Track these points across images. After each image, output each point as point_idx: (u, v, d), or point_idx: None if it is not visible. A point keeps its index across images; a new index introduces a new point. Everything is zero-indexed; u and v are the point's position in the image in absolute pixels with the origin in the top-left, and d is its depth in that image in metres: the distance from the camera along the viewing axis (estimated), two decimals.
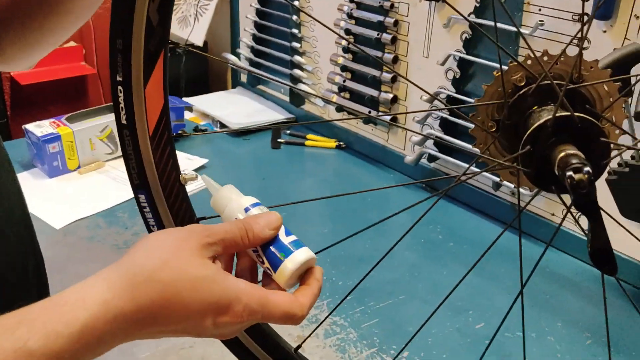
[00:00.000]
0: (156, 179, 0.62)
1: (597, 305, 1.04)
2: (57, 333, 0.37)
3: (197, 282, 0.43)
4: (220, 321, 0.44)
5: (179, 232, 0.46)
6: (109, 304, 0.40)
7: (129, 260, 0.43)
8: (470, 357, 0.91)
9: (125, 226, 1.19)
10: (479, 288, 1.06)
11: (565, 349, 0.93)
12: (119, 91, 0.58)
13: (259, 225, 0.49)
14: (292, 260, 0.50)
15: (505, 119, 0.57)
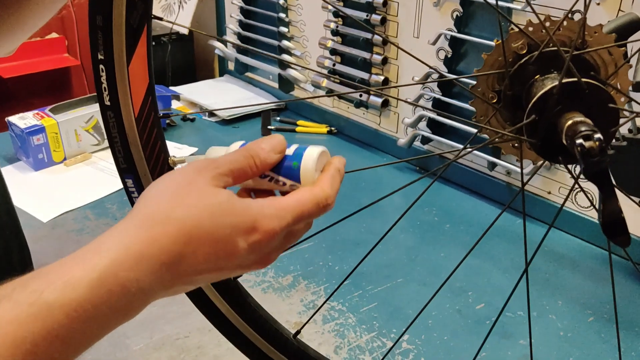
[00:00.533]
0: (144, 162, 0.59)
1: (597, 282, 1.02)
2: (75, 282, 0.35)
3: (215, 208, 0.40)
4: (253, 241, 0.41)
5: (185, 170, 0.43)
6: (128, 249, 0.37)
7: (140, 207, 0.41)
8: (472, 338, 0.89)
9: (115, 217, 1.16)
10: (477, 268, 1.05)
11: (568, 326, 0.92)
12: (100, 70, 0.55)
13: (264, 150, 0.46)
14: (308, 159, 0.47)
15: (506, 89, 0.55)
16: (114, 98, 0.56)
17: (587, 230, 1.13)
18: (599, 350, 0.87)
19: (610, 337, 0.89)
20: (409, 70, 1.33)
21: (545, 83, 0.52)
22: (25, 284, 0.35)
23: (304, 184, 0.47)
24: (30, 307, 0.33)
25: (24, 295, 0.34)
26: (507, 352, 0.87)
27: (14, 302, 0.33)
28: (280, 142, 0.48)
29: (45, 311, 0.33)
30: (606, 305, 0.96)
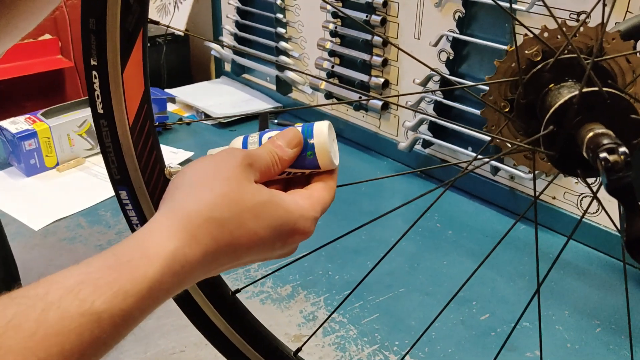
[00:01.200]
0: (138, 173, 0.56)
1: (603, 290, 1.00)
2: (125, 293, 0.35)
3: (258, 209, 0.41)
4: (289, 243, 0.43)
5: (221, 160, 0.43)
6: (174, 256, 0.37)
7: (178, 204, 0.40)
8: (477, 350, 0.86)
9: (109, 225, 1.13)
10: (481, 277, 1.02)
11: (575, 338, 0.89)
12: (93, 77, 0.52)
13: (281, 148, 0.47)
14: (322, 146, 0.47)
15: (520, 97, 0.52)
16: (108, 106, 0.53)
17: (593, 237, 1.11)
18: None
19: (619, 348, 0.87)
20: (410, 72, 1.31)
21: (562, 92, 0.50)
22: (77, 293, 0.34)
23: (324, 168, 0.48)
24: (80, 318, 0.33)
25: (75, 304, 0.33)
26: None
27: (63, 311, 0.33)
28: (296, 136, 0.47)
29: (95, 322, 0.33)
30: (614, 315, 0.94)
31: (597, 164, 0.40)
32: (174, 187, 0.42)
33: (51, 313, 0.33)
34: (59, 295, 0.33)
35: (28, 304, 0.33)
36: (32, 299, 0.33)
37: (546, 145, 0.46)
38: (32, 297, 0.33)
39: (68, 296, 0.34)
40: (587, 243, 1.11)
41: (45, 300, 0.33)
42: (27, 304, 0.33)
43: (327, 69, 1.45)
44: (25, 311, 0.33)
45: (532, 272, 1.04)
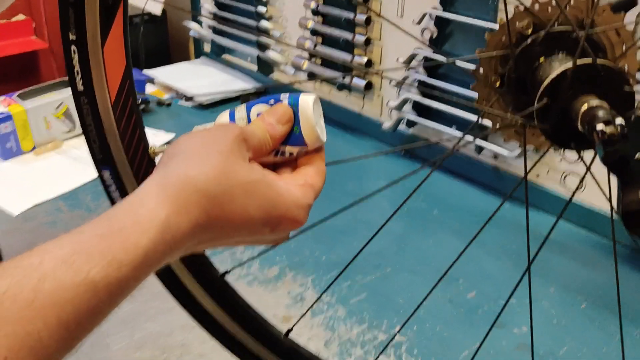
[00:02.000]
0: (121, 152, 0.54)
1: (587, 267, 1.01)
2: (119, 262, 0.34)
3: (250, 187, 0.40)
4: (279, 229, 0.42)
5: (215, 133, 0.42)
6: (166, 224, 0.36)
7: (171, 172, 0.39)
8: (465, 327, 0.87)
9: (89, 209, 1.11)
10: (467, 255, 1.01)
11: (561, 313, 0.90)
12: (72, 52, 0.50)
13: (273, 125, 0.45)
14: (307, 120, 0.45)
15: (511, 71, 0.51)
16: (88, 82, 0.51)
17: (576, 214, 1.11)
18: (593, 338, 0.85)
19: (604, 323, 0.88)
20: (393, 51, 1.30)
21: (554, 65, 0.49)
22: (70, 263, 0.33)
23: (311, 145, 0.46)
24: (76, 288, 0.32)
25: (69, 274, 0.32)
26: (502, 341, 0.85)
27: (58, 282, 0.32)
28: (287, 113, 0.46)
29: (92, 291, 0.33)
30: (598, 291, 0.95)
31: (593, 136, 0.40)
32: (167, 157, 0.41)
33: (47, 283, 0.32)
34: (52, 265, 0.33)
35: (23, 274, 0.32)
36: (27, 269, 0.32)
37: (540, 119, 0.46)
38: (26, 267, 0.32)
39: (62, 266, 0.33)
40: (570, 220, 1.12)
41: (40, 270, 0.32)
42: (22, 274, 0.32)
43: (309, 49, 1.43)
44: (20, 281, 0.32)
45: (518, 250, 1.05)
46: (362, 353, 0.81)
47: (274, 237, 0.44)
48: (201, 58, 1.85)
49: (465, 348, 0.83)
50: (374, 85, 1.37)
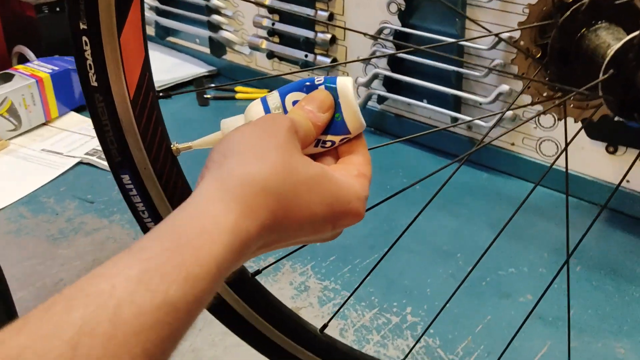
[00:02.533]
0: (143, 153, 0.49)
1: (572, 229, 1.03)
2: (195, 276, 0.31)
3: (311, 182, 0.38)
4: (342, 224, 0.40)
5: (262, 126, 0.39)
6: (235, 230, 0.34)
7: (230, 173, 0.36)
8: (473, 300, 0.87)
9: (55, 212, 1.02)
10: (458, 229, 1.02)
11: (559, 278, 0.91)
12: (84, 43, 0.44)
13: (314, 113, 0.42)
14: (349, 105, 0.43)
15: (554, 42, 0.49)
16: (103, 77, 0.45)
17: (551, 179, 1.13)
18: (593, 299, 0.87)
19: (601, 284, 0.90)
20: (358, 26, 1.26)
21: (601, 34, 0.48)
22: (146, 283, 0.30)
23: (354, 132, 0.44)
24: (157, 312, 0.29)
25: (147, 297, 0.29)
26: (510, 311, 0.85)
27: (137, 307, 0.29)
28: (328, 99, 0.43)
29: (172, 313, 0.29)
30: (589, 252, 0.97)
31: None
32: (219, 156, 0.38)
33: (125, 310, 0.28)
34: (127, 288, 0.29)
35: (96, 304, 0.28)
36: (98, 297, 0.29)
37: (605, 90, 0.44)
38: (97, 294, 0.29)
39: (138, 288, 0.29)
40: (547, 185, 1.14)
41: (115, 296, 0.29)
42: (95, 304, 0.28)
43: (268, 27, 1.37)
44: (95, 312, 0.28)
45: (503, 218, 1.06)
46: (380, 338, 0.79)
47: (332, 233, 0.41)
48: None
49: (478, 322, 0.83)
50: (339, 60, 1.33)
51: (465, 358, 0.77)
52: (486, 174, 1.18)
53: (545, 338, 0.80)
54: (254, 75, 1.50)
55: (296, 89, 0.46)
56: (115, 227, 1.00)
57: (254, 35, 1.42)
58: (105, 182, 1.12)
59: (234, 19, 1.48)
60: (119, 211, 1.04)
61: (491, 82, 1.12)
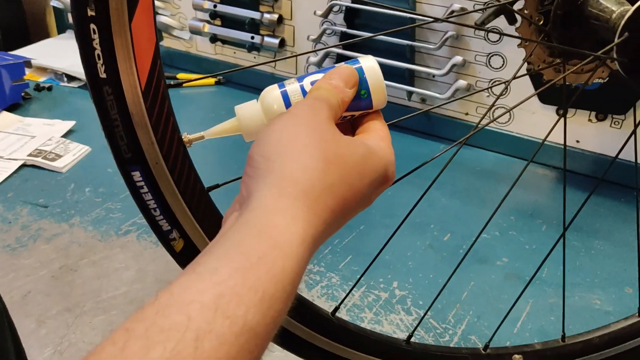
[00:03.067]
0: (155, 148, 0.46)
1: (533, 192, 1.08)
2: (272, 296, 0.29)
3: (361, 166, 0.37)
4: (380, 190, 0.40)
5: (300, 116, 0.38)
6: (304, 240, 0.32)
7: (285, 177, 0.34)
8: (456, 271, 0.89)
9: (7, 220, 0.95)
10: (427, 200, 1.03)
11: (528, 239, 0.96)
12: (91, 32, 0.41)
13: (341, 88, 0.41)
14: (377, 82, 0.43)
15: (557, 8, 0.51)
16: (112, 68, 0.42)
17: (506, 144, 1.18)
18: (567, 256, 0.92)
19: (567, 240, 0.95)
20: (306, 4, 1.24)
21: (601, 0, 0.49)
22: (217, 309, 0.28)
23: (377, 107, 0.44)
24: (238, 339, 0.27)
25: (226, 325, 0.27)
26: (490, 275, 0.88)
27: (218, 337, 0.27)
28: (353, 74, 0.43)
29: (253, 340, 0.28)
30: (550, 212, 1.02)
31: None
32: (263, 160, 0.35)
33: (206, 343, 0.27)
34: (205, 318, 0.27)
35: (176, 339, 0.26)
36: (176, 332, 0.26)
37: (619, 53, 0.46)
38: (174, 328, 0.26)
39: (216, 317, 0.27)
40: (502, 151, 1.19)
41: (193, 329, 0.27)
42: (174, 339, 0.26)
43: (209, 9, 1.32)
44: (176, 349, 0.26)
45: (467, 187, 1.09)
46: (373, 315, 0.80)
47: (371, 203, 0.41)
48: (67, 32, 1.64)
49: (463, 289, 0.85)
50: (287, 42, 1.31)
51: (457, 325, 0.79)
52: (443, 144, 1.21)
53: (527, 297, 0.84)
54: (194, 60, 1.45)
55: (314, 74, 0.45)
56: (76, 230, 0.94)
57: (194, 19, 1.37)
58: (55, 184, 1.05)
59: (169, 3, 1.42)
60: (78, 213, 0.97)
61: (444, 54, 1.14)
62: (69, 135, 1.19)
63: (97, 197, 1.01)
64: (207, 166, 0.91)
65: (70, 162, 1.09)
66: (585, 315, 0.81)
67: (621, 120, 1.05)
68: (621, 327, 0.69)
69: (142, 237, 0.92)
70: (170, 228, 0.49)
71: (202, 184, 0.50)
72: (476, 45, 1.11)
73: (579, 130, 1.09)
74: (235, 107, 0.46)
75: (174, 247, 0.50)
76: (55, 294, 0.82)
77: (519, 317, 0.81)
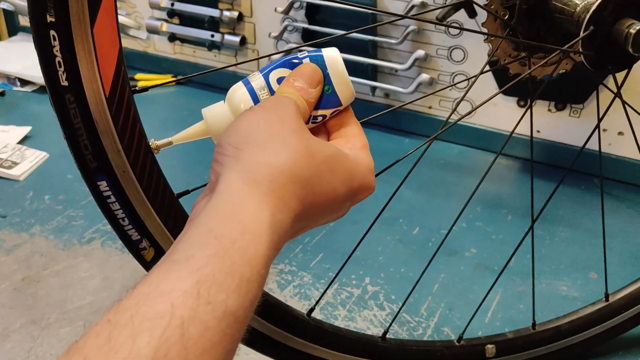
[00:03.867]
0: (121, 155, 0.45)
1: (497, 183, 1.10)
2: (248, 280, 0.30)
3: (331, 162, 0.37)
4: (357, 198, 0.40)
5: (271, 110, 0.38)
6: (272, 225, 0.33)
7: (254, 164, 0.34)
8: (424, 262, 0.89)
9: None
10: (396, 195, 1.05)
11: (494, 229, 0.97)
12: (52, 39, 0.39)
13: (305, 90, 0.41)
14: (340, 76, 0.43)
15: (522, 3, 0.51)
16: (75, 75, 0.41)
17: (469, 136, 1.19)
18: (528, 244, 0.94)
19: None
20: (266, 1, 1.23)
21: None
22: (198, 295, 0.28)
23: (345, 103, 0.44)
24: (220, 324, 0.28)
25: (209, 311, 0.28)
26: (460, 267, 0.89)
27: (202, 323, 0.28)
28: (317, 72, 0.42)
29: (234, 324, 0.29)
30: (515, 202, 1.04)
31: None
32: (232, 148, 0.36)
33: (192, 329, 0.27)
34: (187, 305, 0.28)
35: (163, 326, 0.27)
36: (161, 319, 0.27)
37: (585, 46, 0.46)
38: (159, 316, 0.27)
39: (199, 303, 0.28)
40: (466, 143, 1.20)
41: (177, 316, 0.27)
42: (160, 326, 0.27)
43: (167, 8, 1.30)
44: (163, 336, 0.27)
45: (431, 180, 1.10)
46: (347, 312, 0.80)
47: (347, 210, 0.41)
48: (19, 34, 1.58)
49: (434, 282, 0.86)
50: (248, 40, 1.29)
51: (430, 318, 0.80)
52: (407, 138, 1.22)
53: (496, 287, 0.85)
54: (152, 60, 1.42)
55: (279, 67, 0.44)
56: (38, 239, 0.91)
57: (152, 18, 1.34)
58: (13, 193, 1.01)
59: (125, 2, 1.39)
60: (38, 222, 0.94)
61: (406, 49, 1.15)
62: (25, 142, 1.15)
63: (57, 205, 0.98)
64: (176, 172, 0.89)
65: (27, 170, 1.06)
66: (553, 302, 0.83)
67: (579, 109, 1.08)
68: (589, 312, 0.71)
69: (107, 244, 0.90)
70: (140, 237, 0.47)
71: (172, 191, 0.49)
72: (437, 39, 1.12)
73: (539, 120, 1.12)
74: (202, 110, 0.45)
75: (145, 256, 0.48)
76: (18, 307, 0.79)
77: (490, 307, 0.82)
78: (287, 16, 1.21)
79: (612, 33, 0.45)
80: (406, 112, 1.22)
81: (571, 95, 1.06)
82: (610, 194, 1.06)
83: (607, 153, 1.08)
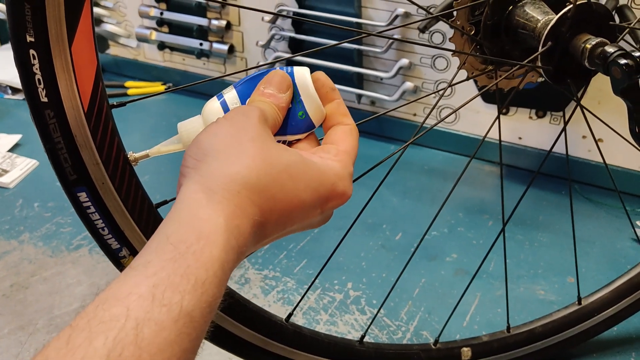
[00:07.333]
0: (100, 168, 0.46)
1: (478, 189, 1.12)
2: (204, 282, 0.31)
3: (292, 169, 0.38)
4: (329, 207, 0.40)
5: (232, 120, 0.39)
6: (228, 230, 0.34)
7: (211, 173, 0.36)
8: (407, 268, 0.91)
9: None
10: (379, 200, 1.07)
11: (475, 235, 0.99)
12: (31, 57, 0.41)
13: (275, 96, 0.42)
14: (312, 101, 0.43)
15: (487, 19, 0.53)
16: (54, 92, 0.42)
17: (453, 143, 1.22)
18: (509, 248, 0.95)
19: (512, 234, 0.99)
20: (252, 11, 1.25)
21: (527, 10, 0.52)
22: (153, 298, 0.30)
23: (318, 123, 0.44)
24: (175, 325, 0.29)
25: (164, 312, 0.29)
26: (441, 271, 0.91)
27: (157, 324, 0.29)
28: (284, 78, 0.43)
29: (190, 323, 0.30)
30: (497, 207, 1.06)
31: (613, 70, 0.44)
32: (193, 159, 0.38)
33: (146, 329, 0.29)
34: (142, 307, 0.29)
35: (117, 328, 0.28)
36: (116, 322, 0.29)
37: (544, 61, 0.49)
38: (114, 319, 0.29)
39: (153, 305, 0.30)
40: (450, 150, 1.22)
41: (132, 318, 0.29)
42: (115, 328, 0.28)
43: (156, 17, 1.32)
44: (118, 337, 0.28)
45: (416, 186, 1.12)
46: (329, 317, 0.82)
47: (322, 217, 0.42)
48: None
49: (414, 287, 0.88)
50: (236, 48, 1.31)
51: (409, 322, 0.82)
52: (392, 145, 1.24)
53: (475, 291, 0.87)
54: (142, 68, 1.44)
55: (252, 80, 0.46)
56: (27, 247, 0.92)
57: (141, 27, 1.36)
58: (3, 200, 1.03)
59: (115, 11, 1.40)
60: (27, 229, 0.96)
61: (390, 57, 1.17)
62: (15, 150, 1.16)
63: (46, 212, 1.00)
64: (155, 183, 0.90)
65: (17, 177, 1.07)
66: (531, 305, 0.85)
67: (559, 116, 1.10)
68: (562, 315, 0.73)
69: (95, 250, 0.92)
70: (120, 246, 0.49)
71: (150, 201, 0.51)
72: (421, 48, 1.14)
73: (520, 127, 1.14)
74: (177, 125, 0.46)
75: (125, 264, 0.50)
76: (6, 313, 0.80)
77: (468, 310, 0.84)
78: (274, 25, 1.23)
79: (570, 48, 0.48)
80: (391, 119, 1.24)
81: (550, 103, 1.08)
82: (589, 199, 1.09)
83: (587, 159, 1.10)
